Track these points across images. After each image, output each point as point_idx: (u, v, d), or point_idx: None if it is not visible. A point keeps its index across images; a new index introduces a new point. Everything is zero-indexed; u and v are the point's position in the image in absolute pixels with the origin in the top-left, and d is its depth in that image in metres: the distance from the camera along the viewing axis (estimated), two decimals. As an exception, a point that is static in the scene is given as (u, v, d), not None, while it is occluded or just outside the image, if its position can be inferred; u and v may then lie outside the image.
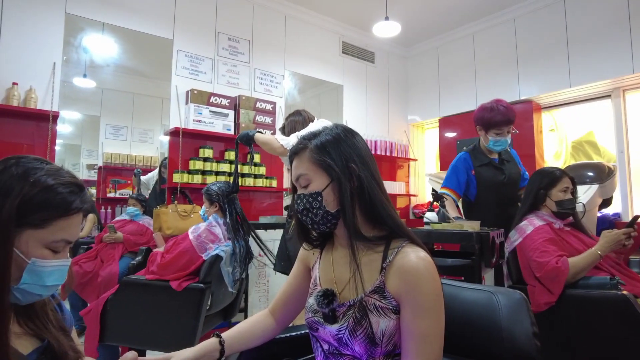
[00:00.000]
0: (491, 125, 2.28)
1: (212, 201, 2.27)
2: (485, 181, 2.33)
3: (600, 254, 1.71)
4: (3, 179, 0.66)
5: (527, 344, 0.91)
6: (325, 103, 4.87)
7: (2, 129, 2.67)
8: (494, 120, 2.26)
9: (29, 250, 0.67)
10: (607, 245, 1.73)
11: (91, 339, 2.02)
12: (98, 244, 2.95)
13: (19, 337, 0.72)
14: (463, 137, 4.65)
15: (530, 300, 1.75)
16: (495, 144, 2.30)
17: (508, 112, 2.25)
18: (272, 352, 1.06)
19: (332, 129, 0.93)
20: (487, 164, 2.35)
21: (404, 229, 0.89)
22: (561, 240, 1.83)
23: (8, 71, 2.70)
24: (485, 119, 2.29)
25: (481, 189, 2.35)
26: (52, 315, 0.79)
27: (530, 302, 0.97)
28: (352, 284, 0.87)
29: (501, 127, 2.26)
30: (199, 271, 2.08)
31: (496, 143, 2.30)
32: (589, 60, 3.71)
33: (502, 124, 2.25)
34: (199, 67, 3.59)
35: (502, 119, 2.24)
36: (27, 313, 0.75)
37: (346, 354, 0.86)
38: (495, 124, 2.26)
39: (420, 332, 0.79)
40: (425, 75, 5.16)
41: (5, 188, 0.65)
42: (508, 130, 2.28)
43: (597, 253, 1.72)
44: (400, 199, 5.10)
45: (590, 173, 2.94)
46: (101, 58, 3.45)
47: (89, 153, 3.62)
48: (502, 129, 2.26)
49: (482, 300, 0.99)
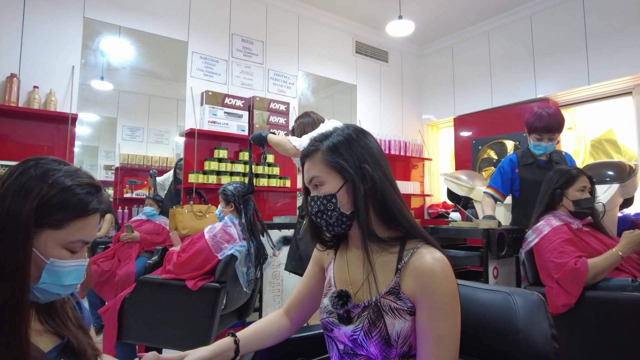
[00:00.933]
0: (531, 130, 2.34)
1: (228, 201, 2.29)
2: (527, 180, 2.39)
3: (621, 255, 1.67)
4: (22, 180, 0.67)
5: (545, 346, 0.89)
6: (339, 103, 4.87)
7: (24, 131, 2.74)
8: (534, 125, 2.30)
9: (47, 251, 0.68)
10: (628, 246, 1.68)
11: (109, 336, 2.06)
12: (115, 244, 3.00)
13: (39, 334, 0.74)
14: (479, 136, 4.59)
15: (548, 302, 1.72)
16: (535, 147, 2.36)
17: (550, 120, 2.26)
18: (287, 352, 1.06)
19: (344, 129, 0.93)
20: (532, 163, 2.40)
21: (419, 230, 0.89)
22: (580, 241, 1.79)
23: (29, 75, 2.77)
24: (528, 122, 2.35)
25: (524, 187, 2.41)
26: (71, 314, 0.80)
27: (547, 304, 0.95)
28: (367, 285, 0.87)
29: (541, 134, 2.30)
30: (215, 271, 2.10)
31: (536, 147, 2.35)
32: (609, 57, 3.62)
33: (542, 131, 2.28)
34: (213, 68, 3.62)
35: (541, 126, 2.27)
36: (47, 311, 0.76)
37: (361, 355, 0.86)
38: (534, 129, 2.31)
39: (436, 333, 0.78)
40: (440, 73, 5.11)
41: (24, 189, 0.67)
42: (550, 138, 2.30)
43: (617, 254, 1.67)
44: (415, 199, 5.06)
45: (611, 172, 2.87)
46: (118, 61, 3.51)
47: (107, 154, 3.69)
48: (542, 135, 2.30)
49: (498, 302, 0.98)
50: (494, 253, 2.17)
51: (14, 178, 0.68)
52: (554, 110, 2.30)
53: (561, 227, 1.82)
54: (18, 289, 0.64)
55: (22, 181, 0.67)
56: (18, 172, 0.69)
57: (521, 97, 4.23)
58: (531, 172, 2.38)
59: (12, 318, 0.64)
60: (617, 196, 2.77)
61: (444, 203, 5.07)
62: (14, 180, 0.68)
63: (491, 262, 2.19)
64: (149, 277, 2.18)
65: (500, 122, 4.40)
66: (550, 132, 2.27)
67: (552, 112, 2.28)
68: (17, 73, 2.71)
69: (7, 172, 0.70)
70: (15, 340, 0.63)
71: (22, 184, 0.67)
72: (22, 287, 0.65)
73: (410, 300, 0.82)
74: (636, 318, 1.50)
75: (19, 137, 2.73)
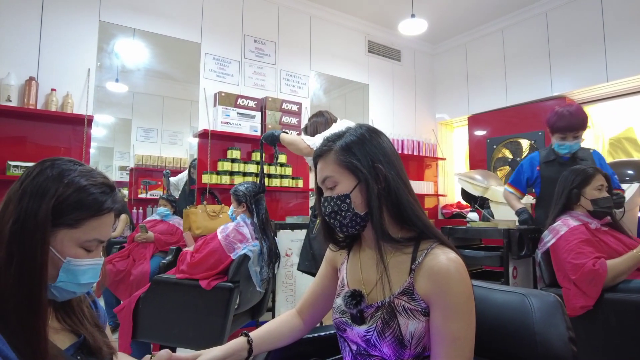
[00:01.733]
0: (554, 130, 2.32)
1: (240, 201, 2.30)
2: (547, 177, 2.38)
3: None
4: (39, 181, 0.69)
5: (563, 349, 0.87)
6: (351, 103, 4.86)
7: (42, 133, 2.80)
8: (556, 125, 2.29)
9: (64, 250, 0.70)
10: None
11: (125, 335, 2.08)
12: (130, 244, 3.04)
13: (57, 332, 0.75)
14: (493, 135, 4.53)
15: (565, 303, 1.68)
16: (559, 147, 2.34)
17: (571, 118, 2.24)
18: (300, 352, 1.06)
19: (356, 129, 0.92)
20: (553, 160, 2.39)
21: (433, 230, 0.88)
22: (598, 242, 1.75)
23: (47, 78, 2.83)
24: (550, 122, 2.34)
25: (544, 185, 2.41)
26: (87, 312, 0.81)
27: (565, 306, 0.93)
28: (380, 285, 0.86)
29: (564, 133, 2.28)
30: (228, 270, 2.11)
31: (560, 147, 2.33)
32: (628, 53, 3.53)
33: (565, 130, 2.26)
34: (226, 69, 3.65)
35: (563, 125, 2.26)
36: (64, 309, 0.78)
37: (374, 355, 0.85)
38: (557, 129, 2.29)
39: (450, 334, 0.77)
40: (453, 72, 5.06)
41: (41, 189, 0.68)
42: (574, 137, 2.27)
43: (638, 255, 1.63)
44: (429, 199, 5.02)
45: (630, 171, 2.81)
46: (132, 63, 3.56)
47: (121, 155, 3.75)
48: (566, 134, 2.28)
49: (514, 303, 0.96)
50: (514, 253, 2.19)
51: (32, 179, 0.70)
52: (575, 108, 2.27)
53: (579, 227, 1.78)
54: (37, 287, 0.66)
55: (39, 181, 0.69)
56: (35, 172, 0.71)
57: (537, 95, 4.16)
58: (552, 170, 2.36)
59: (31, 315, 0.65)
60: (637, 196, 2.71)
61: (458, 203, 5.01)
62: (31, 181, 0.69)
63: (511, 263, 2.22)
64: (163, 276, 2.20)
65: (516, 120, 4.33)
66: (574, 130, 2.25)
67: (573, 110, 2.25)
68: (36, 76, 2.77)
69: (25, 172, 0.72)
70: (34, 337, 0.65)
71: (39, 184, 0.68)
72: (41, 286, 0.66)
73: (424, 301, 0.81)
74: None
75: (37, 138, 2.79)
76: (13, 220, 0.66)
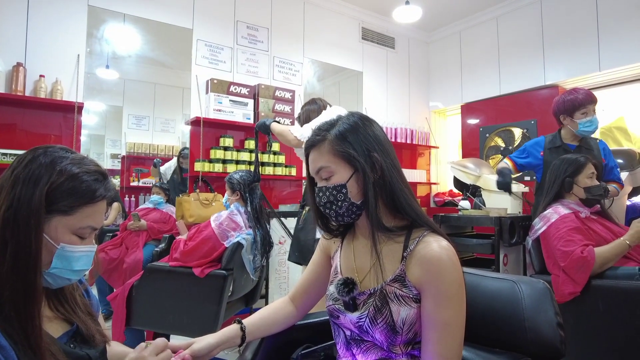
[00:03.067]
0: (575, 107, 2.25)
1: (234, 190, 2.30)
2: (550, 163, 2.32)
3: (629, 244, 1.66)
4: (32, 168, 0.69)
5: (551, 334, 0.89)
6: (345, 90, 4.83)
7: (32, 120, 2.76)
8: (578, 100, 2.23)
9: (57, 236, 0.70)
10: (637, 236, 1.67)
11: (118, 323, 2.09)
12: (123, 232, 3.03)
13: (50, 320, 0.76)
14: (486, 123, 4.55)
15: (554, 290, 1.71)
16: (584, 125, 2.24)
17: (587, 91, 2.24)
18: (293, 339, 1.07)
19: (349, 117, 0.92)
20: (559, 147, 2.34)
21: (425, 218, 0.88)
22: (587, 230, 1.78)
23: (35, 64, 2.78)
24: (568, 102, 2.27)
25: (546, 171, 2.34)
26: (80, 301, 0.82)
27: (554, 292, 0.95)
28: (373, 272, 0.87)
29: (586, 106, 2.22)
30: (221, 258, 2.12)
31: (585, 124, 2.24)
32: (621, 42, 3.54)
33: (587, 103, 2.22)
34: (218, 56, 3.60)
35: (584, 98, 2.22)
36: (57, 298, 0.78)
37: (367, 341, 0.87)
38: (580, 103, 2.23)
39: (442, 320, 0.78)
40: (448, 60, 5.05)
41: (34, 176, 0.68)
42: (594, 109, 2.24)
43: (625, 243, 1.66)
44: (421, 187, 5.05)
45: (620, 160, 2.83)
46: (123, 49, 3.50)
47: (113, 143, 3.71)
48: (588, 107, 2.23)
49: (504, 290, 0.98)
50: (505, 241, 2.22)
51: (24, 166, 0.70)
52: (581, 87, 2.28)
53: (569, 216, 1.81)
54: (31, 273, 0.66)
55: (31, 169, 0.69)
56: (27, 159, 0.71)
57: (530, 84, 4.17)
58: (555, 156, 2.30)
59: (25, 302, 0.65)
60: (626, 184, 2.74)
61: (450, 191, 5.04)
62: (24, 168, 0.69)
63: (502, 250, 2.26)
64: (157, 264, 2.20)
65: (508, 109, 4.35)
66: (594, 102, 2.23)
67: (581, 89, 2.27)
68: (23, 62, 2.72)
69: (16, 160, 0.72)
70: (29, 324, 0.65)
71: (31, 171, 0.69)
72: (35, 271, 0.67)
73: (415, 288, 0.82)
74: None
75: (26, 126, 2.75)
76: (6, 207, 0.66)
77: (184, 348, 0.88)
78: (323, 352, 1.04)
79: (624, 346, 1.57)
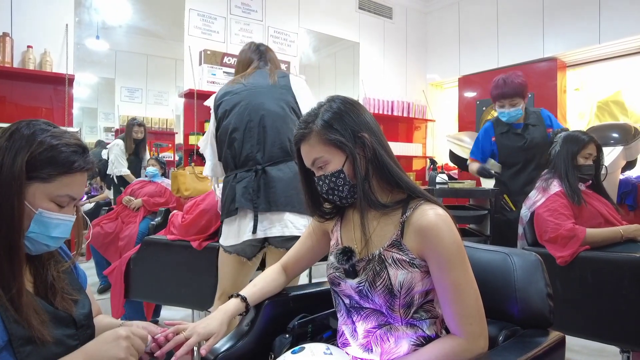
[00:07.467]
0: (493, 98, 2.36)
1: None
2: (505, 148, 2.41)
3: (622, 234, 1.70)
4: (15, 138, 0.75)
5: (541, 305, 0.92)
6: (341, 62, 4.76)
7: (22, 92, 2.70)
8: (492, 94, 2.35)
9: (35, 202, 0.75)
10: (635, 233, 1.72)
11: (117, 296, 2.12)
12: (118, 205, 3.03)
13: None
14: (483, 97, 4.51)
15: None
16: (501, 115, 2.36)
17: (505, 87, 2.28)
18: (290, 309, 1.09)
19: (330, 104, 0.93)
20: (507, 131, 2.41)
21: (418, 190, 0.92)
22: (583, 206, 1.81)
23: (22, 34, 2.70)
24: (491, 91, 2.38)
25: (503, 155, 2.44)
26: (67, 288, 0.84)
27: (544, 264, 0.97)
28: (371, 241, 0.91)
29: (500, 100, 2.31)
30: (219, 232, 2.13)
31: (502, 114, 2.35)
32: (622, 14, 3.48)
33: (499, 98, 2.30)
34: (211, 26, 3.51)
35: (496, 93, 2.31)
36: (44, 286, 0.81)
37: (367, 307, 0.91)
38: (493, 97, 2.35)
39: (450, 283, 0.82)
40: (446, 31, 4.95)
41: (16, 147, 0.74)
42: (511, 104, 2.29)
43: (619, 232, 1.71)
44: (417, 161, 5.05)
45: (615, 134, 2.84)
46: (113, 19, 3.40)
47: (106, 116, 3.66)
48: (502, 102, 2.31)
49: (497, 262, 1.00)
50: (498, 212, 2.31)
51: (6, 138, 0.75)
52: (509, 76, 2.30)
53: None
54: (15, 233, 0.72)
55: (15, 139, 0.74)
56: (11, 131, 0.76)
57: (528, 56, 4.12)
58: (508, 139, 2.40)
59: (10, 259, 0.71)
60: (620, 159, 2.76)
61: (446, 165, 5.06)
62: (7, 140, 0.74)
63: None
64: (155, 237, 2.21)
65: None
66: (508, 98, 2.28)
67: (508, 79, 2.29)
68: (10, 32, 2.64)
69: (1, 131, 0.77)
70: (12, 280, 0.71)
71: (14, 141, 0.74)
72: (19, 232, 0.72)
73: (411, 253, 0.86)
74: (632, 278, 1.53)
75: (16, 99, 2.69)
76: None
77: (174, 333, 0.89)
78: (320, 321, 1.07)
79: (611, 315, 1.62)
